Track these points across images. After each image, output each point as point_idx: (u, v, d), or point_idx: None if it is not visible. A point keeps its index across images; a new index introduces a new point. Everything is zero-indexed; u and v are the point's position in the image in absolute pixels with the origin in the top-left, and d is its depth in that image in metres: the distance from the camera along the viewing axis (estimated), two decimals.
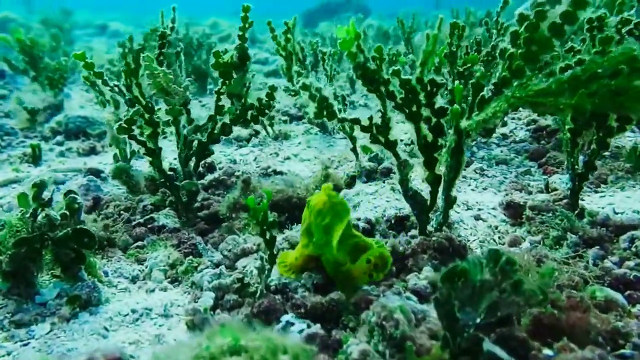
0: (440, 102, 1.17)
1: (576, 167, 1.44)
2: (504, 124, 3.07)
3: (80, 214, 0.99)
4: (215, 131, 1.74)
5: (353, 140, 2.01)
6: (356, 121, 1.30)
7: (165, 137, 2.38)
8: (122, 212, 1.87)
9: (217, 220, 1.82)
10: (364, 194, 1.72)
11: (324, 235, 1.09)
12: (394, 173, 2.10)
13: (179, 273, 1.25)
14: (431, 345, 0.83)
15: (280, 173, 2.34)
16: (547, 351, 0.81)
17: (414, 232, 1.43)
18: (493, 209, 1.84)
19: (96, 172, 2.46)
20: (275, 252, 1.08)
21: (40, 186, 0.95)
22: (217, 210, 1.82)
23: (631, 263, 1.14)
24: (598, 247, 1.25)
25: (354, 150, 2.06)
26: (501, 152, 2.63)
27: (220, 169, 2.52)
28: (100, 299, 1.13)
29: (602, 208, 1.65)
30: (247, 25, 1.60)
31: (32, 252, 1.05)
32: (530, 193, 1.80)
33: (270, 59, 7.20)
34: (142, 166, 2.63)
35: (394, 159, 1.35)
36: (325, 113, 1.25)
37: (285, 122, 3.93)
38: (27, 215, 0.97)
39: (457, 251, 1.31)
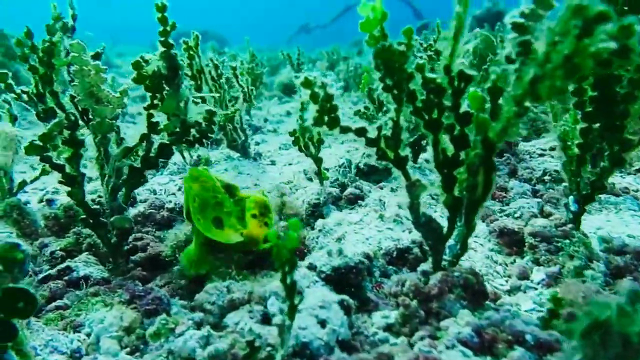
0: (465, 106, 1.08)
1: (581, 187, 1.45)
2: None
3: (25, 269, 0.71)
4: (151, 154, 1.48)
5: (318, 162, 1.86)
6: (362, 131, 1.16)
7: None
8: None
9: (157, 265, 1.54)
10: (346, 223, 1.57)
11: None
12: (363, 200, 1.99)
13: (147, 337, 0.97)
14: None
15: None
16: None
17: (424, 266, 1.31)
18: (476, 236, 1.81)
19: None
20: (295, 303, 0.88)
21: None
22: (158, 252, 1.54)
23: None
24: (630, 277, 1.24)
25: (318, 174, 1.91)
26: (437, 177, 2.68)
27: (141, 201, 2.20)
28: None
29: (594, 233, 1.70)
30: (168, 29, 1.32)
31: None
32: (516, 217, 1.80)
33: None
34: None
35: (402, 179, 1.24)
36: (326, 119, 1.10)
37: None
38: None
39: (480, 288, 1.22)
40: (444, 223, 1.27)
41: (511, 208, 2.02)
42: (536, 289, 1.37)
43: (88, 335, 1.01)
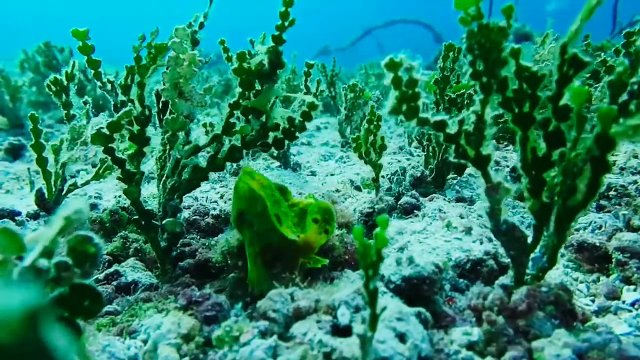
0: (565, 99, 0.98)
1: None
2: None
3: (96, 264, 0.65)
4: (220, 156, 1.45)
5: (377, 169, 1.78)
6: (441, 125, 1.08)
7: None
8: None
9: (206, 273, 1.48)
10: (409, 232, 1.48)
11: (263, 223, 1.20)
12: (419, 210, 1.90)
13: (214, 342, 0.89)
14: None
15: None
16: None
17: (504, 280, 1.20)
18: None
19: (10, 215, 1.99)
20: (377, 313, 0.80)
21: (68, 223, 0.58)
22: (208, 258, 1.48)
23: None
24: None
25: (376, 180, 1.83)
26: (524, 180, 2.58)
27: (185, 207, 2.17)
28: None
29: None
30: (286, 24, 1.29)
31: None
32: (593, 232, 1.67)
33: None
34: None
35: (482, 181, 1.14)
36: (405, 108, 1.01)
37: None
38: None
39: (570, 308, 1.10)
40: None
41: (580, 224, 1.89)
42: (631, 311, 1.24)
43: (144, 342, 0.95)
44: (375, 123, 1.71)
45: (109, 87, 1.66)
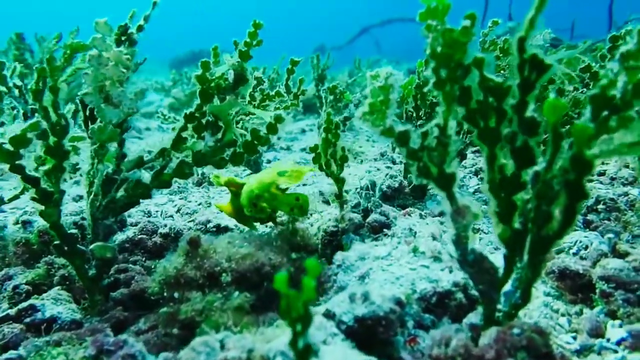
0: (530, 109, 0.88)
1: None
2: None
3: None
4: (166, 171, 1.34)
5: (340, 182, 1.67)
6: (404, 138, 0.97)
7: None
8: None
9: (142, 304, 1.35)
10: (372, 258, 1.36)
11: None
12: (389, 228, 1.79)
13: None
14: None
15: (225, 229, 1.92)
16: None
17: (472, 317, 1.10)
18: None
19: None
20: None
21: None
22: (144, 287, 1.36)
23: None
24: None
25: (339, 197, 1.72)
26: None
27: (132, 224, 2.03)
28: None
29: None
30: (254, 42, 1.37)
31: None
32: (582, 258, 1.58)
33: None
34: None
35: (446, 203, 1.03)
36: (376, 115, 0.93)
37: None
38: None
39: (546, 351, 1.00)
40: (498, 261, 1.07)
41: (564, 243, 1.80)
42: (616, 351, 1.14)
43: None
44: (333, 131, 1.59)
45: (16, 92, 1.52)
